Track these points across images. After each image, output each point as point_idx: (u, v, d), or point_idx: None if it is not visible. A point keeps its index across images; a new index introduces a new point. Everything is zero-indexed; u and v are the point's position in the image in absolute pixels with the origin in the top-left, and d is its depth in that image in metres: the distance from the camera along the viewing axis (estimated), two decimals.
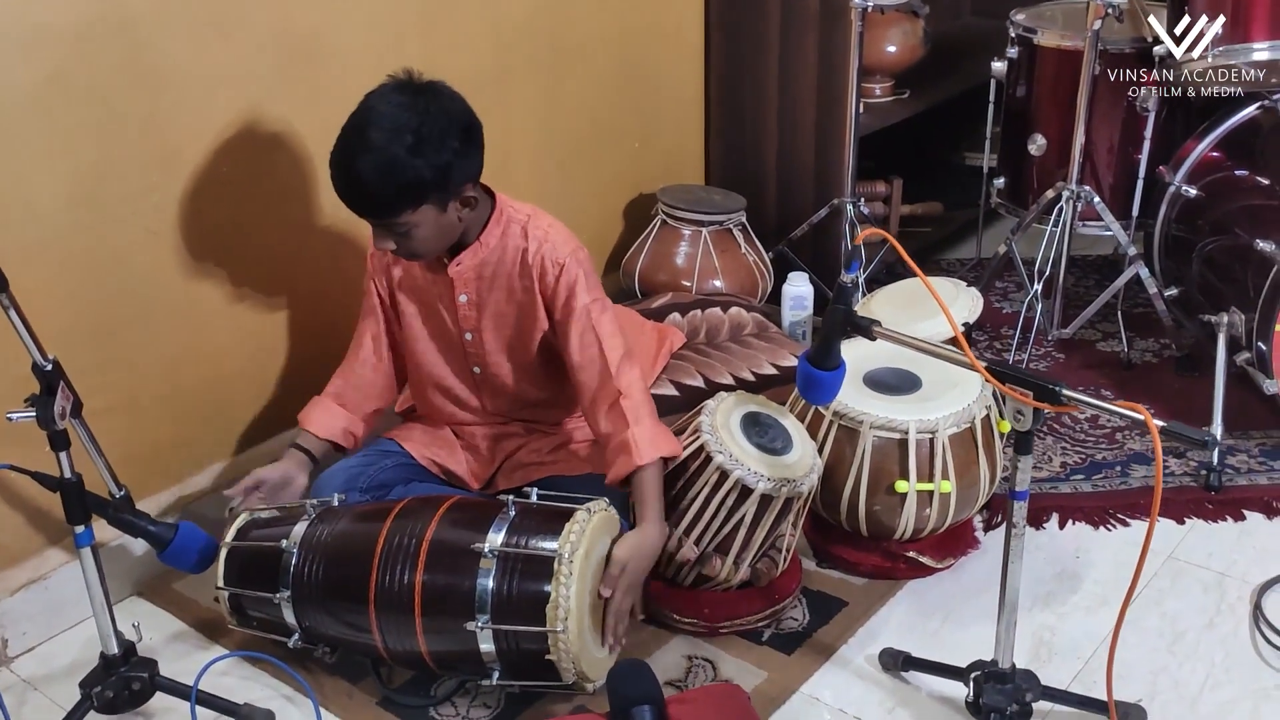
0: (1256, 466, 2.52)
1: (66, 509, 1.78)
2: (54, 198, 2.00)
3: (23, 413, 1.70)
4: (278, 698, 1.99)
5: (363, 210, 1.97)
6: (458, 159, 1.93)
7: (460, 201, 1.99)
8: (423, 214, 1.94)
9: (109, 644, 1.86)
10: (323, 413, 2.25)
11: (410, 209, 1.92)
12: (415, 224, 1.95)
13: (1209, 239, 2.76)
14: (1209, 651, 2.03)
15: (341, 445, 2.25)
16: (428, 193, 1.92)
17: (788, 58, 3.11)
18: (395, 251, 2.02)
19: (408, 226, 1.95)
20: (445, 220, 1.99)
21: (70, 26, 1.96)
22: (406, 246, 2.00)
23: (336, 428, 2.24)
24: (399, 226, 1.95)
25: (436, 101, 1.93)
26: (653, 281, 3.01)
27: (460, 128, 1.94)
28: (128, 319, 2.15)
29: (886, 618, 2.15)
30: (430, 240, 2.00)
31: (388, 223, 1.95)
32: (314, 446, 2.22)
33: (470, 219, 2.05)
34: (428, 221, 1.96)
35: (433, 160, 1.90)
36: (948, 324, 2.45)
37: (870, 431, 2.12)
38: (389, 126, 1.88)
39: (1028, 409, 1.60)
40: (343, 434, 2.24)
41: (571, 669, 1.83)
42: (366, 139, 1.88)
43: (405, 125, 1.88)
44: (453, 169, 1.93)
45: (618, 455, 2.05)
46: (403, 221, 1.94)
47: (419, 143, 1.88)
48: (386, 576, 1.88)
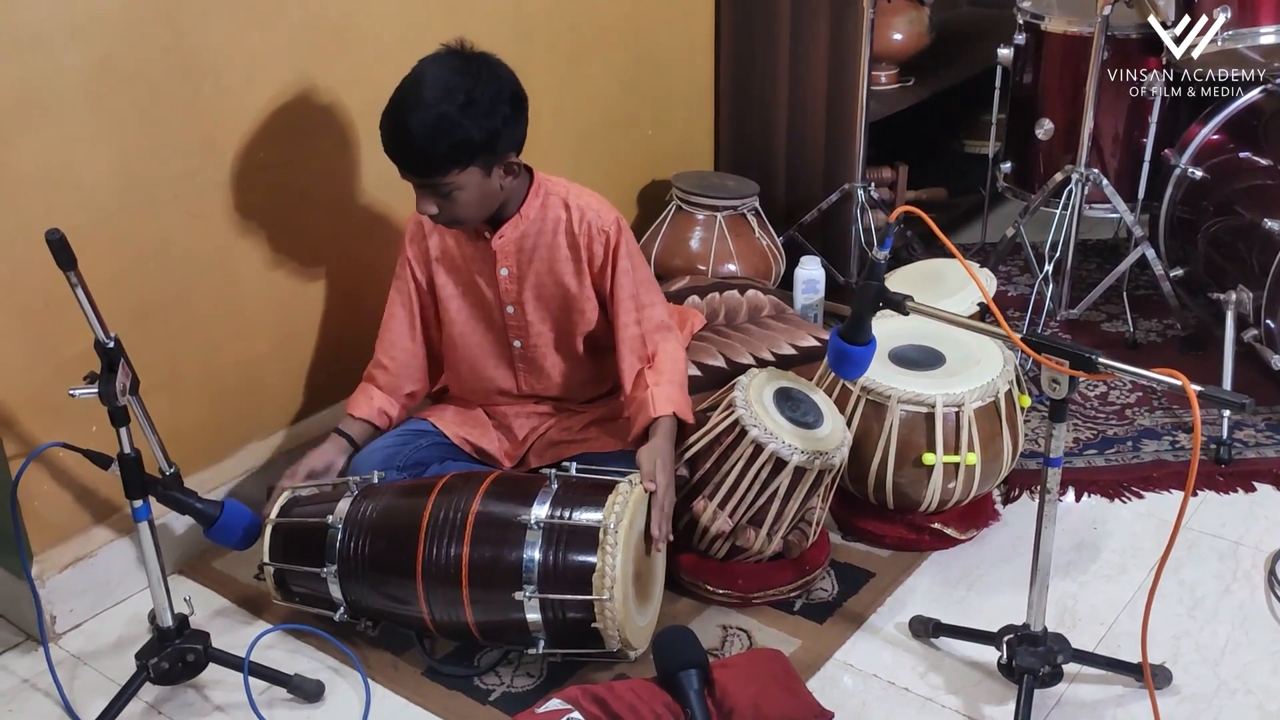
0: (1264, 440, 2.60)
1: (126, 483, 1.81)
2: (101, 181, 2.04)
3: (85, 389, 1.74)
4: (324, 669, 2.03)
5: (411, 167, 2.01)
6: (505, 126, 2.00)
7: (504, 169, 2.04)
8: (469, 176, 1.99)
9: (164, 616, 1.89)
10: (360, 394, 2.30)
11: (457, 169, 1.98)
12: (460, 186, 2.00)
13: (1214, 220, 2.83)
14: (1228, 616, 2.10)
15: (378, 425, 2.29)
16: (476, 154, 1.98)
17: (798, 45, 3.16)
18: (436, 217, 2.05)
19: (452, 188, 2.00)
20: (489, 186, 2.04)
21: (117, 13, 1.99)
22: (449, 211, 2.04)
23: (373, 408, 2.28)
24: (444, 187, 1.99)
25: (489, 68, 2.00)
26: (668, 266, 3.05)
27: (510, 95, 2.02)
28: (169, 300, 2.19)
29: (913, 587, 2.21)
30: (472, 205, 2.04)
31: (434, 182, 2.00)
32: (353, 429, 2.26)
33: (511, 189, 2.10)
34: (472, 185, 2.01)
35: (483, 123, 1.96)
36: (964, 304, 2.54)
37: (898, 405, 2.18)
38: (443, 87, 1.95)
39: (1064, 378, 1.66)
40: (378, 414, 2.28)
41: (616, 636, 1.88)
42: (420, 97, 1.95)
43: (458, 87, 1.95)
44: (501, 134, 1.99)
45: (637, 411, 2.14)
46: (449, 182, 1.99)
47: (470, 104, 1.94)
48: (433, 550, 1.93)
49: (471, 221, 2.11)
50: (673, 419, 2.12)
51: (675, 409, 2.13)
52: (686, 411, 2.15)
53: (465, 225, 2.12)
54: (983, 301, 2.68)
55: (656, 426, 2.11)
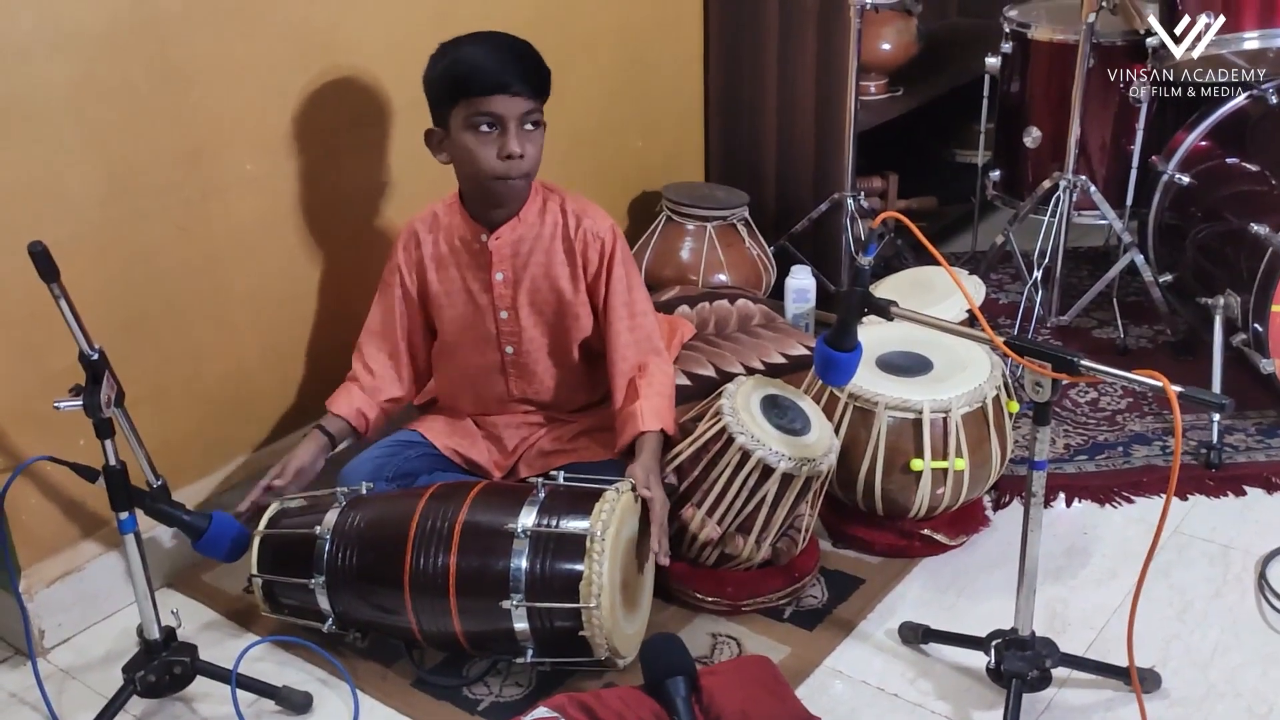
0: (1254, 444, 2.59)
1: (111, 496, 1.81)
2: (87, 193, 2.04)
3: (69, 401, 1.74)
4: (313, 681, 2.03)
5: (527, 81, 2.05)
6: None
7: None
8: (543, 114, 2.09)
9: (151, 629, 1.89)
10: (341, 392, 2.29)
11: (544, 98, 2.08)
12: (543, 121, 2.09)
13: (1202, 225, 2.84)
14: (1218, 619, 2.09)
15: (355, 426, 2.27)
16: (549, 90, 2.10)
17: (787, 55, 3.17)
18: (520, 164, 2.07)
19: (539, 119, 2.09)
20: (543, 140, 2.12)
21: (100, 27, 2.00)
22: (530, 155, 2.08)
23: (352, 407, 2.26)
24: (537, 115, 2.07)
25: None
26: (659, 276, 3.06)
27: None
28: (155, 312, 2.19)
29: (903, 594, 2.20)
30: (540, 154, 2.11)
31: (533, 106, 2.06)
32: (333, 427, 2.25)
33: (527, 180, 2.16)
34: (544, 125, 2.10)
35: (547, 70, 2.10)
36: (953, 311, 2.54)
37: (885, 412, 2.18)
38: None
39: (1046, 380, 1.66)
40: (356, 414, 2.26)
41: (604, 645, 1.88)
42: (495, 33, 2.10)
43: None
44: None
45: (625, 424, 2.15)
46: (539, 110, 2.08)
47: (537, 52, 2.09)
48: (421, 560, 1.92)
49: (531, 176, 2.14)
50: (659, 435, 2.14)
51: (663, 425, 2.14)
52: (672, 427, 2.17)
53: (525, 185, 2.14)
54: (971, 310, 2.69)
55: (644, 442, 2.12)
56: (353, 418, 2.27)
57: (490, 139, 2.06)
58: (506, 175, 2.08)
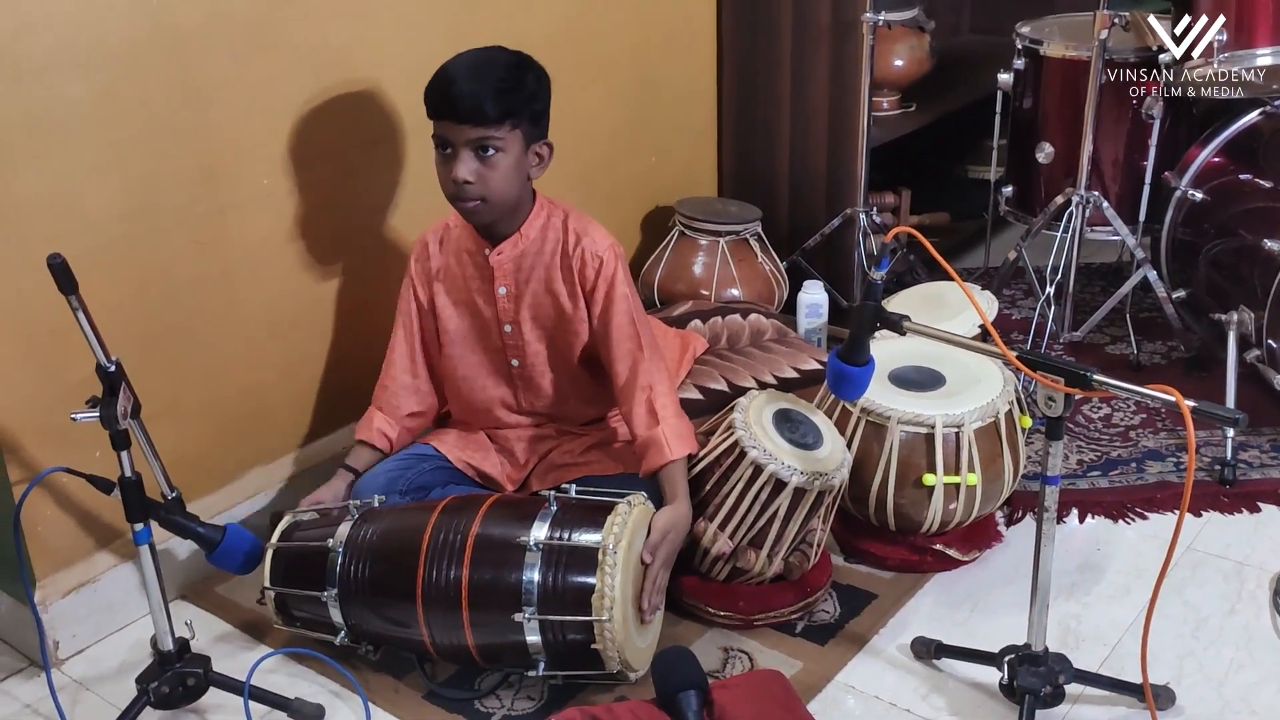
0: (1269, 461, 2.59)
1: (127, 507, 1.82)
2: (106, 209, 2.07)
3: (86, 413, 1.75)
4: (325, 693, 2.03)
5: (466, 109, 2.00)
6: (547, 109, 2.10)
7: (535, 153, 2.10)
8: (512, 138, 2.04)
9: (165, 640, 1.90)
10: (365, 418, 2.32)
11: (509, 122, 2.02)
12: (504, 147, 2.03)
13: (1215, 241, 2.84)
14: (1232, 636, 2.09)
15: (378, 447, 2.30)
16: (523, 113, 2.04)
17: (800, 71, 3.18)
18: (469, 189, 2.03)
19: (497, 148, 2.02)
20: (522, 163, 2.08)
21: (120, 46, 2.02)
22: (484, 180, 2.03)
23: (372, 430, 2.30)
24: (491, 143, 2.01)
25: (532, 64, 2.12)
26: (671, 291, 3.07)
27: (549, 91, 2.11)
28: (171, 326, 2.21)
29: (915, 609, 2.20)
30: (502, 180, 2.05)
31: (485, 134, 2.01)
32: (357, 461, 2.28)
33: (525, 195, 2.15)
34: (512, 150, 2.05)
35: (533, 87, 2.07)
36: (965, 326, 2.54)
37: (898, 426, 2.18)
38: (502, 50, 2.10)
39: (1059, 395, 1.66)
40: (377, 435, 2.30)
41: (616, 658, 1.88)
42: (483, 51, 2.08)
43: (516, 54, 2.08)
44: (545, 112, 2.09)
45: (648, 449, 2.14)
46: (498, 136, 2.02)
47: (523, 67, 2.06)
48: (433, 573, 1.93)
49: (497, 203, 2.08)
50: (685, 465, 2.13)
51: (689, 448, 2.13)
52: (693, 442, 2.16)
53: (490, 208, 2.09)
54: (984, 325, 2.69)
55: (673, 481, 2.10)
56: (375, 440, 2.30)
57: (445, 161, 2.07)
58: (455, 198, 2.08)
